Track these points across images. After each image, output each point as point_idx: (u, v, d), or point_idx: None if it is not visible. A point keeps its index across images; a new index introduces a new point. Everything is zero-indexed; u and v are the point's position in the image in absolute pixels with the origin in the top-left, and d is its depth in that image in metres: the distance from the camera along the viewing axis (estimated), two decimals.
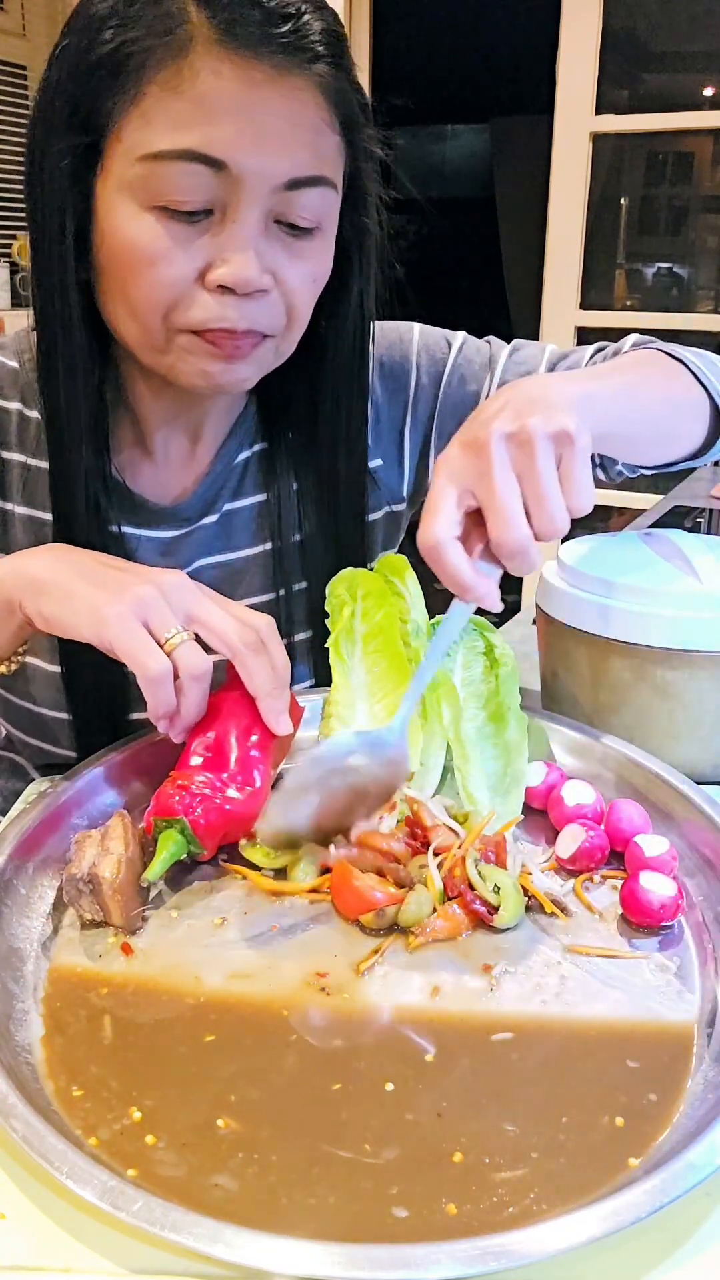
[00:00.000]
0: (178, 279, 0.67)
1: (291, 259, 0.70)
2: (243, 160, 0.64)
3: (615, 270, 3.59)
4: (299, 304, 0.72)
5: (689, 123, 3.11)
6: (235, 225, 0.66)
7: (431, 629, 0.78)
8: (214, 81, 0.62)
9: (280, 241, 0.69)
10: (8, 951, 0.58)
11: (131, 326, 0.71)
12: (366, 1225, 0.43)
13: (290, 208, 0.68)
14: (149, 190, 0.65)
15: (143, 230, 0.66)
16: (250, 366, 0.73)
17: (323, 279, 0.74)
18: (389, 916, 0.60)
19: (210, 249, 0.67)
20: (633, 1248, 0.43)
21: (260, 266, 0.67)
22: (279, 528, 0.87)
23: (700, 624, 0.78)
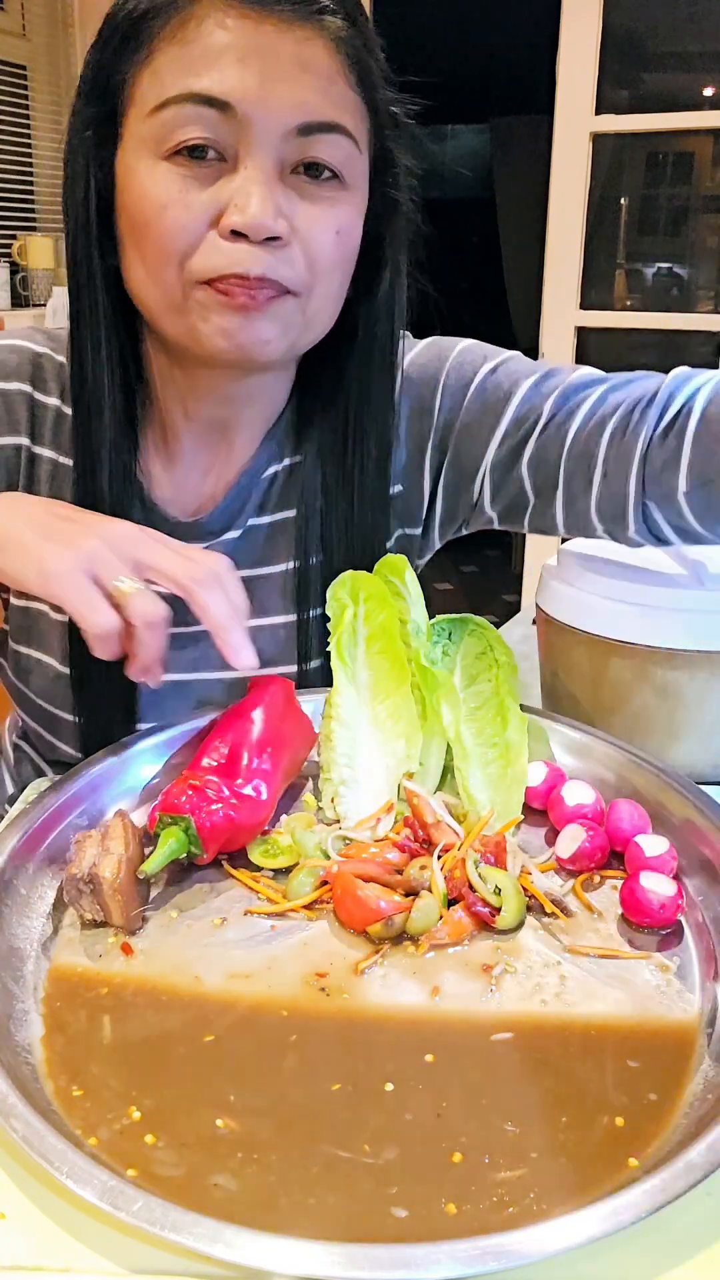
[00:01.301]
0: (191, 224, 0.66)
1: (310, 208, 0.68)
2: (249, 102, 0.64)
3: (615, 270, 3.59)
4: (321, 256, 0.69)
5: (689, 123, 3.10)
6: (247, 170, 0.65)
7: (431, 629, 0.78)
8: (219, 31, 0.63)
9: (298, 190, 0.68)
10: (8, 951, 0.58)
11: (151, 288, 0.70)
12: (366, 1225, 0.43)
13: (306, 152, 0.67)
14: (161, 140, 0.66)
15: (157, 179, 0.66)
16: (272, 324, 0.70)
17: (349, 236, 0.71)
18: (397, 925, 0.59)
19: (224, 195, 0.66)
20: (633, 1248, 0.43)
21: (275, 211, 0.66)
22: (304, 545, 0.84)
23: (700, 624, 0.78)
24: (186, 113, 0.64)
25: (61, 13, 3.41)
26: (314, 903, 0.63)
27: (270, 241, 0.66)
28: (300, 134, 0.66)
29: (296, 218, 0.68)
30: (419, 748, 0.72)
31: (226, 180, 0.66)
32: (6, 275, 3.32)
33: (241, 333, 0.69)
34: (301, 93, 0.65)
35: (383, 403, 0.82)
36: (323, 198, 0.69)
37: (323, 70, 0.66)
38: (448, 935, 0.59)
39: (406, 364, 0.87)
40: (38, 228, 3.57)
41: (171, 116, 0.65)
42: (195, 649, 0.83)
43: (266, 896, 0.63)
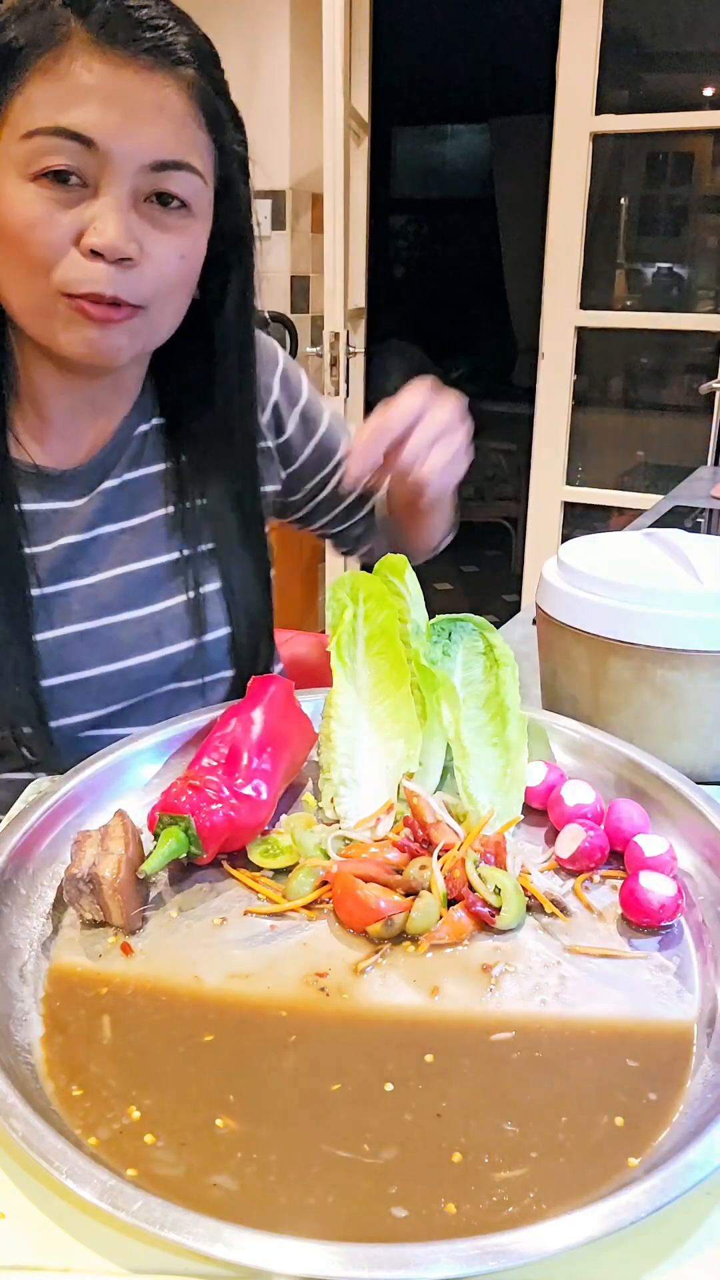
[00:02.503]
0: (55, 241, 0.73)
1: (159, 234, 0.76)
2: (110, 139, 0.71)
3: (615, 270, 3.59)
4: (166, 277, 0.78)
5: (689, 123, 3.10)
6: (106, 197, 0.73)
7: (431, 629, 0.78)
8: (85, 72, 0.71)
9: (150, 218, 0.76)
10: (8, 951, 0.58)
11: (17, 293, 0.77)
12: (366, 1225, 0.43)
13: (158, 184, 0.75)
14: (30, 164, 0.72)
15: (25, 199, 0.73)
16: (124, 336, 0.79)
17: (192, 259, 0.80)
18: (397, 925, 0.59)
19: (85, 216, 0.73)
20: (633, 1248, 0.43)
21: (128, 235, 0.74)
22: (181, 492, 0.93)
23: (700, 624, 0.78)
24: (54, 143, 0.71)
25: None
26: (314, 903, 0.63)
27: (123, 262, 0.74)
28: (154, 169, 0.74)
29: (147, 242, 0.76)
30: (419, 748, 0.72)
31: (88, 204, 0.73)
32: None
33: (99, 342, 0.78)
34: (157, 132, 0.73)
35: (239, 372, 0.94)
36: (171, 225, 0.77)
37: (176, 113, 0.74)
38: (448, 935, 0.59)
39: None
40: None
41: (40, 144, 0.71)
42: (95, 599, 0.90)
43: (266, 896, 0.63)
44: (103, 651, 0.89)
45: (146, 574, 0.91)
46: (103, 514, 0.91)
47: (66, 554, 0.89)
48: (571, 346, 3.19)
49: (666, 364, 3.78)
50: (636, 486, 3.46)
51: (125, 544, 0.91)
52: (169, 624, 0.91)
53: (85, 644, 0.89)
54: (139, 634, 0.90)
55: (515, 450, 4.83)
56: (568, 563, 0.86)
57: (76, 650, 0.88)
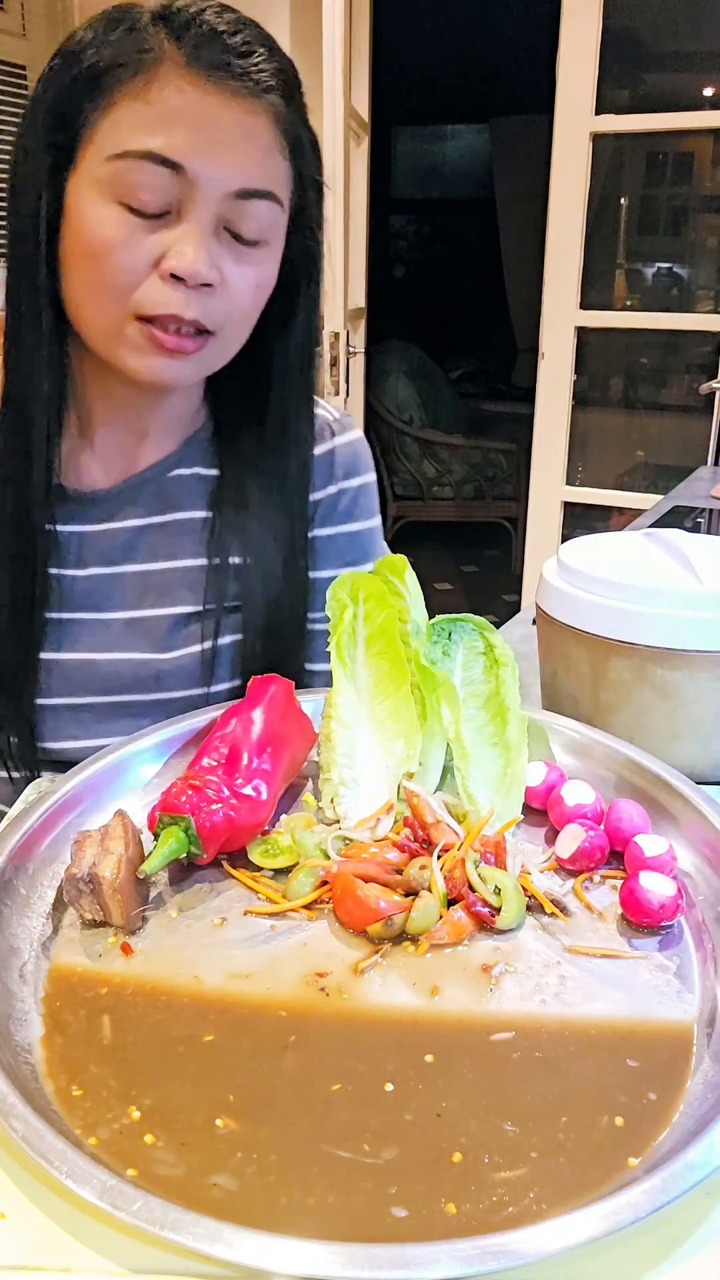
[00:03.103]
0: (135, 265, 0.73)
1: (237, 263, 0.76)
2: (198, 165, 0.71)
3: (615, 270, 3.59)
4: (241, 305, 0.78)
5: (689, 123, 3.10)
6: (189, 223, 0.73)
7: (431, 629, 0.78)
8: (177, 95, 0.70)
9: (229, 246, 0.76)
10: (8, 951, 0.58)
11: (90, 312, 0.77)
12: (366, 1225, 0.43)
13: (239, 216, 0.75)
14: (115, 186, 0.72)
15: (107, 220, 0.73)
16: (193, 366, 0.79)
17: (265, 288, 0.80)
18: (397, 925, 0.59)
19: (165, 242, 0.73)
20: (633, 1247, 0.43)
21: (209, 262, 0.74)
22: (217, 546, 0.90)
23: (700, 624, 0.78)
24: (141, 166, 0.71)
25: (61, 13, 3.41)
26: (314, 903, 0.63)
27: (203, 287, 0.74)
28: (238, 196, 0.74)
29: (225, 269, 0.76)
30: (419, 748, 0.72)
31: (169, 228, 0.73)
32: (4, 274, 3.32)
33: (167, 370, 0.78)
34: (243, 160, 0.73)
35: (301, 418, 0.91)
36: (247, 256, 0.77)
37: (263, 141, 0.74)
38: (448, 935, 0.59)
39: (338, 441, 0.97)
40: None
41: (127, 167, 0.71)
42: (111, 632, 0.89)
43: (266, 896, 0.63)
44: (100, 684, 0.89)
45: (163, 621, 0.90)
46: (128, 550, 0.89)
47: (86, 584, 0.88)
48: (571, 346, 3.19)
49: (666, 364, 3.78)
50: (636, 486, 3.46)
51: (147, 586, 0.90)
52: (174, 673, 0.90)
53: (84, 673, 0.88)
54: (139, 675, 0.89)
55: (515, 450, 4.84)
56: (568, 563, 0.86)
57: (76, 677, 0.88)
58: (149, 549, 0.90)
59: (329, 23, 2.41)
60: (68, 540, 0.88)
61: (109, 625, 0.89)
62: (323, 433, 0.96)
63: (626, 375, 3.82)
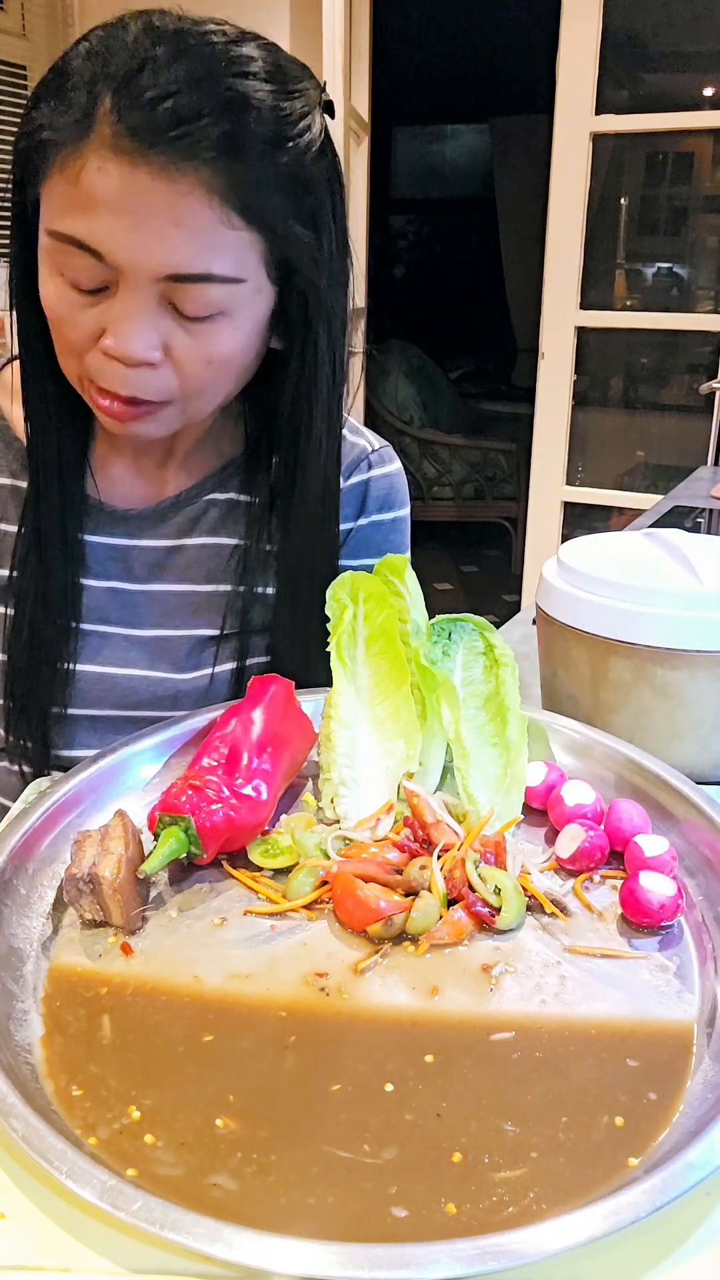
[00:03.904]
0: (79, 339, 0.72)
1: (187, 336, 0.72)
2: (118, 253, 0.67)
3: (615, 270, 3.59)
4: (191, 380, 0.74)
5: (689, 123, 3.11)
6: (122, 303, 0.70)
7: (431, 629, 0.78)
8: (99, 177, 0.66)
9: (177, 320, 0.71)
10: (8, 951, 0.58)
11: (63, 368, 0.77)
12: (366, 1225, 0.43)
13: (179, 297, 0.70)
14: (52, 262, 0.71)
15: (52, 292, 0.72)
16: (149, 425, 0.77)
17: (225, 359, 0.74)
18: (397, 925, 0.59)
19: (105, 316, 0.71)
20: (633, 1247, 0.43)
21: (145, 343, 0.70)
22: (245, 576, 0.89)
23: (700, 624, 0.78)
24: (67, 250, 0.69)
25: (61, 13, 3.41)
26: (314, 903, 0.63)
27: (143, 365, 0.71)
28: (172, 280, 0.69)
29: (173, 343, 0.72)
30: (419, 748, 0.72)
31: (108, 305, 0.70)
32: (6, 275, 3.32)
33: (121, 430, 0.77)
34: (171, 247, 0.67)
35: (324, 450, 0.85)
36: (200, 331, 0.72)
37: (198, 222, 0.67)
38: (448, 935, 0.59)
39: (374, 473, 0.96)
40: None
41: (56, 247, 0.69)
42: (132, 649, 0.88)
43: (266, 896, 0.63)
44: (117, 699, 0.89)
45: (184, 642, 0.90)
46: (155, 569, 0.89)
47: (109, 598, 0.88)
48: (571, 346, 3.19)
49: (666, 364, 3.78)
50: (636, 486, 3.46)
51: (172, 606, 0.89)
52: (191, 694, 0.90)
53: (102, 686, 0.88)
54: (157, 694, 0.89)
55: (515, 450, 4.84)
56: (568, 563, 0.86)
57: (94, 689, 0.88)
58: (176, 570, 0.89)
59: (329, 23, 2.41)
60: (94, 551, 0.87)
61: (130, 641, 0.88)
62: (359, 464, 0.95)
63: (626, 375, 3.82)
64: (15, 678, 0.86)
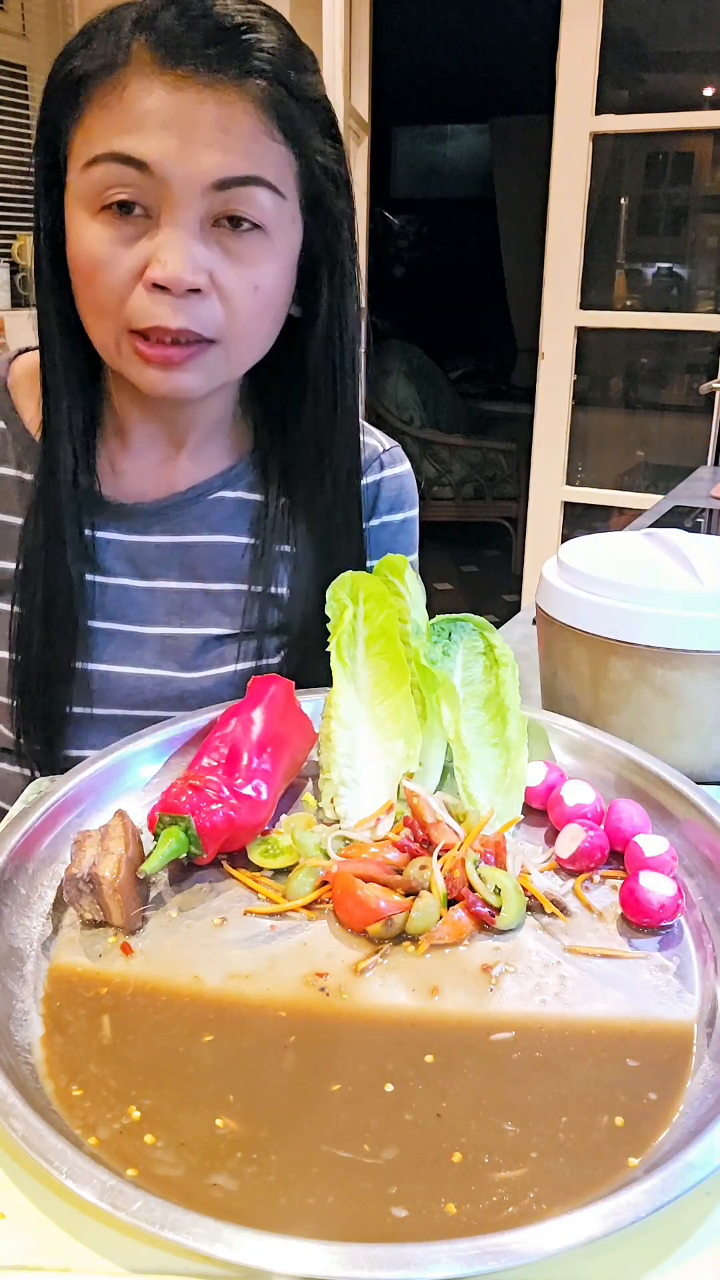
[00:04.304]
0: (119, 281, 0.71)
1: (231, 262, 0.72)
2: (167, 162, 0.68)
3: (615, 270, 3.59)
4: (240, 309, 0.74)
5: (689, 123, 3.11)
6: (168, 226, 0.70)
7: (431, 629, 0.78)
8: (144, 97, 0.68)
9: (220, 245, 0.72)
10: (8, 951, 0.58)
11: (94, 331, 0.76)
12: (366, 1225, 0.43)
13: (227, 205, 0.71)
14: (91, 196, 0.70)
15: (91, 235, 0.71)
16: (194, 375, 0.76)
17: (269, 289, 0.75)
18: (397, 925, 0.59)
19: (148, 249, 0.70)
20: (633, 1247, 0.43)
21: (194, 266, 0.70)
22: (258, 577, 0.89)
23: (700, 624, 0.78)
24: (111, 170, 0.69)
25: (61, 13, 3.41)
26: (314, 903, 0.63)
27: (191, 294, 0.71)
28: (218, 188, 0.70)
29: (217, 272, 0.72)
30: (419, 748, 0.72)
31: (150, 236, 0.70)
32: (6, 275, 3.32)
33: (165, 383, 0.75)
34: (218, 153, 0.69)
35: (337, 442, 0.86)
36: (244, 253, 0.73)
37: (243, 130, 0.69)
38: (448, 935, 0.59)
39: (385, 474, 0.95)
40: None
41: (99, 174, 0.69)
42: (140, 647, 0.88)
43: (266, 896, 0.63)
44: (123, 698, 0.88)
45: (192, 640, 0.89)
46: (162, 566, 0.89)
47: (116, 594, 0.88)
48: (571, 346, 3.19)
49: (666, 364, 3.78)
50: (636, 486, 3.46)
51: (179, 604, 0.89)
52: (198, 694, 0.89)
53: (108, 684, 0.88)
54: (163, 693, 0.88)
55: (515, 450, 4.84)
56: (568, 563, 0.86)
57: (100, 687, 0.88)
58: (184, 567, 0.89)
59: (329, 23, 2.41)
60: (102, 547, 0.87)
61: (137, 639, 0.88)
62: (371, 464, 0.94)
63: (626, 375, 3.82)
64: (23, 676, 0.85)
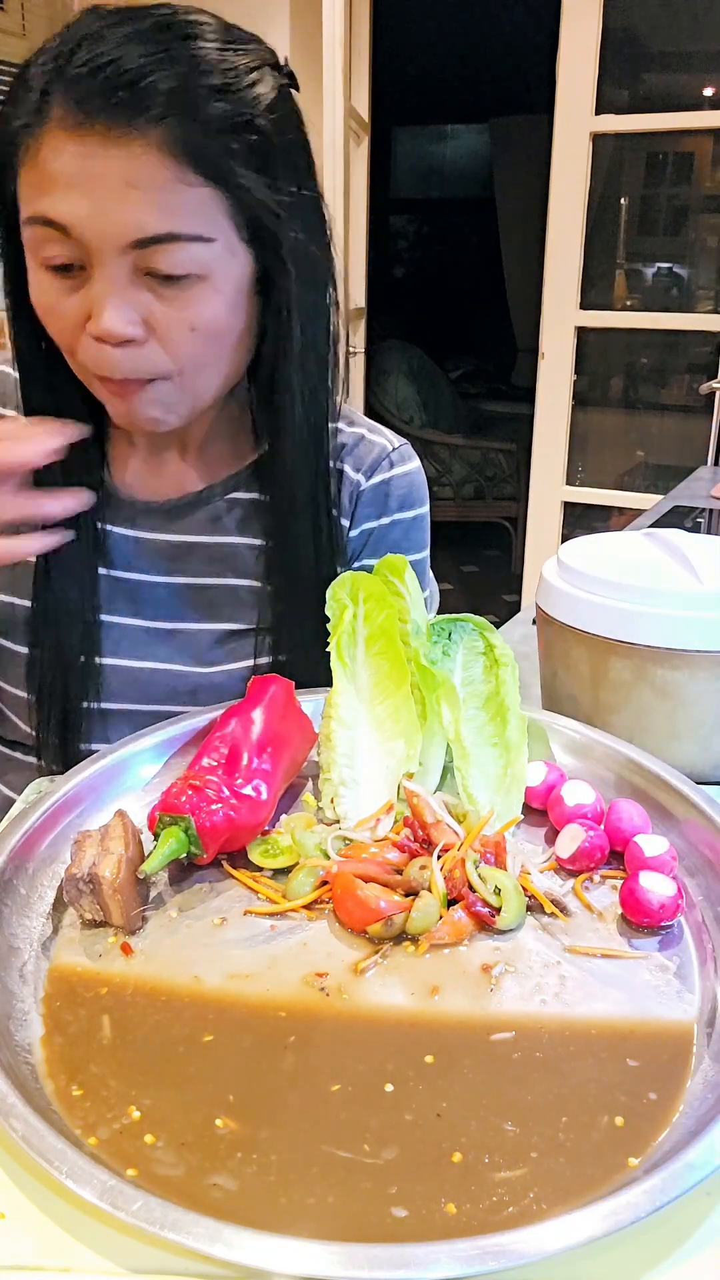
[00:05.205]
0: (67, 328, 0.73)
1: (166, 306, 0.72)
2: (82, 226, 0.68)
3: (615, 270, 3.59)
4: (179, 349, 0.74)
5: (689, 123, 3.11)
6: (99, 281, 0.70)
7: (431, 629, 0.78)
8: (55, 157, 0.68)
9: (153, 291, 0.71)
10: (8, 951, 0.58)
11: (72, 367, 0.77)
12: (366, 1225, 0.43)
13: (151, 261, 0.70)
14: (33, 251, 0.72)
15: (40, 285, 0.73)
16: (152, 406, 0.76)
17: (209, 326, 0.74)
18: (397, 925, 0.59)
19: (85, 301, 0.71)
20: (633, 1247, 0.43)
21: (125, 319, 0.71)
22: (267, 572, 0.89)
23: (700, 624, 0.78)
24: (39, 232, 0.70)
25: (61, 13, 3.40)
26: (314, 903, 0.63)
27: (128, 343, 0.72)
28: (137, 247, 0.69)
29: (155, 316, 0.72)
30: (419, 748, 0.72)
31: (87, 289, 0.71)
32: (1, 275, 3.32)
33: (130, 415, 0.77)
34: (130, 211, 0.68)
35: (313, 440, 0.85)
36: (178, 298, 0.72)
37: (153, 182, 0.67)
38: (448, 935, 0.59)
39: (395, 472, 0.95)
40: None
41: (32, 234, 0.71)
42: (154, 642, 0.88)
43: (266, 896, 0.63)
44: (136, 692, 0.89)
45: (205, 635, 0.90)
46: (177, 561, 0.89)
47: (130, 588, 0.88)
48: (571, 346, 3.19)
49: (666, 364, 3.78)
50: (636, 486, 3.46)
51: (192, 599, 0.90)
52: (210, 689, 0.89)
53: (120, 678, 0.88)
54: (175, 688, 0.89)
55: (515, 450, 4.84)
56: (568, 563, 0.86)
57: (112, 682, 0.88)
58: (198, 564, 0.90)
59: (329, 23, 2.41)
60: (117, 543, 0.88)
61: (151, 634, 0.89)
62: (380, 463, 0.95)
63: (626, 375, 3.82)
64: (41, 672, 0.86)
